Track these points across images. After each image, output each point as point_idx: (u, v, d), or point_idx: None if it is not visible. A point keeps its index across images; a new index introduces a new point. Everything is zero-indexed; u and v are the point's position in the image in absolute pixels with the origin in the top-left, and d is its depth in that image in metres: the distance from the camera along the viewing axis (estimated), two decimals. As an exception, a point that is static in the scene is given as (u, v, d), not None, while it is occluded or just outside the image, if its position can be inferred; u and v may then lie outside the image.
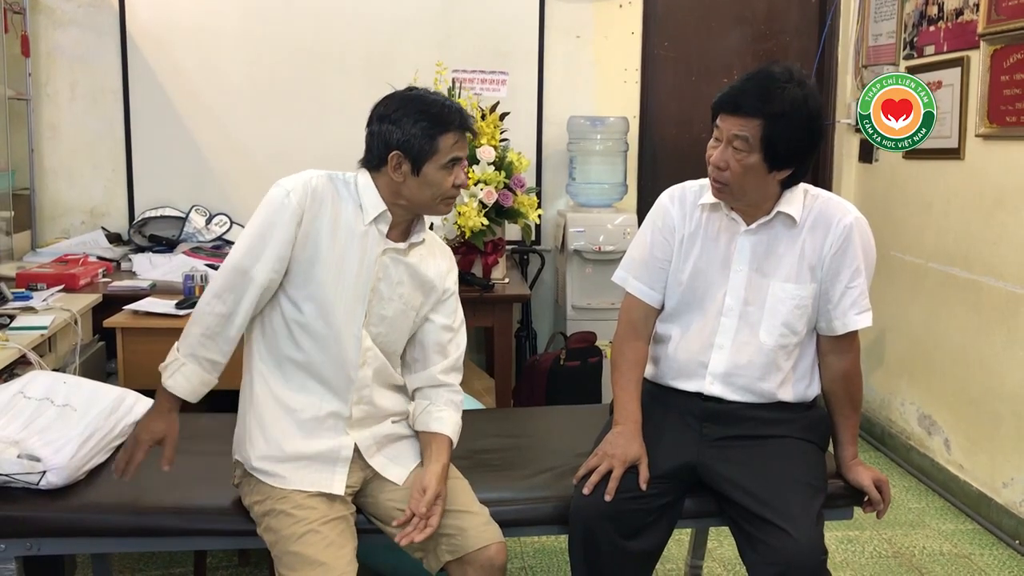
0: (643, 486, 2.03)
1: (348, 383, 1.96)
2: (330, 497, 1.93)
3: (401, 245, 1.98)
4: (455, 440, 2.04)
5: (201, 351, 1.90)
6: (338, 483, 1.95)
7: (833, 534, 3.25)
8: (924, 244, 3.83)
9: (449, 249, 2.16)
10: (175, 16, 4.18)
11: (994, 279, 3.33)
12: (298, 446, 1.94)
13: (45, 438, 2.10)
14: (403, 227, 2.00)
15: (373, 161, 1.95)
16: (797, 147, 2.02)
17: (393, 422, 2.06)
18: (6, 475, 2.03)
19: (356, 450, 1.98)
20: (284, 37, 4.22)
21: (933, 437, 3.77)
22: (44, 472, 2.05)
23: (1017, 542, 3.17)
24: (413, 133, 1.89)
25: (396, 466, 2.03)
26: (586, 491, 2.03)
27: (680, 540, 3.03)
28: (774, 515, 1.93)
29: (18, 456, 2.04)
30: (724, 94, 2.04)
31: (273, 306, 1.95)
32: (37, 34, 4.12)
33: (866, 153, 4.35)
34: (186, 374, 1.91)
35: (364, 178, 1.97)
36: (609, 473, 2.04)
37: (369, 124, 1.96)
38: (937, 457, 3.72)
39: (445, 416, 2.04)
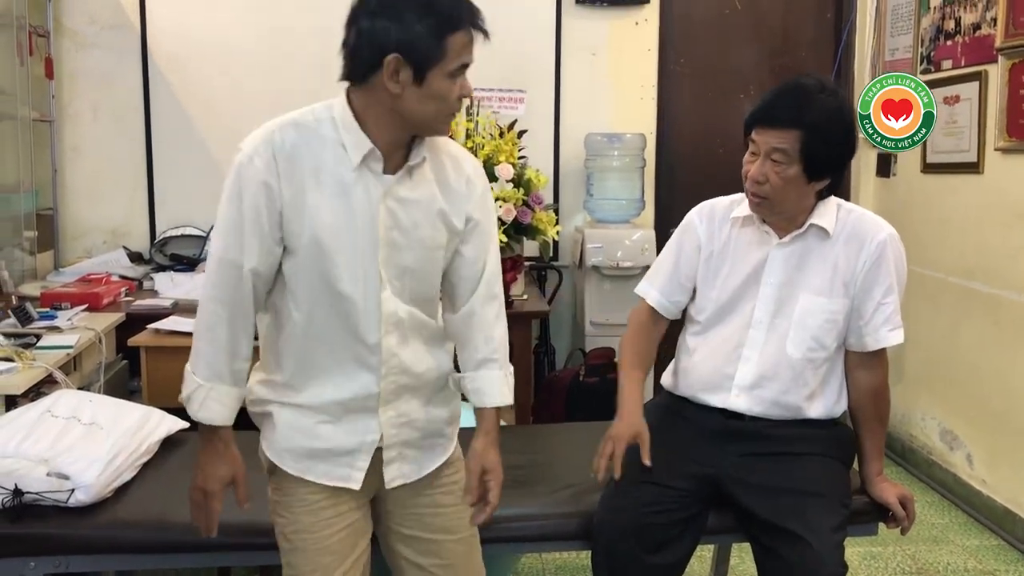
0: (646, 461, 2.04)
1: (373, 354, 1.69)
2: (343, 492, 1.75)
3: (400, 176, 1.65)
4: (501, 401, 1.81)
5: (221, 366, 1.66)
6: (356, 476, 1.74)
7: (856, 550, 3.23)
8: (943, 258, 3.82)
9: (466, 156, 1.79)
10: (195, 37, 4.23)
11: (1014, 293, 3.32)
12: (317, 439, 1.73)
13: (73, 456, 2.12)
14: (401, 153, 1.66)
15: (359, 70, 1.58)
16: (836, 156, 2.04)
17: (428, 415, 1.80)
18: (36, 493, 2.05)
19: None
20: (303, 55, 4.25)
21: (955, 452, 3.75)
22: (73, 490, 2.07)
23: (1042, 558, 3.15)
24: (417, 32, 1.52)
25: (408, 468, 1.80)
26: (599, 478, 2.05)
27: (702, 557, 3.02)
28: (794, 526, 1.94)
29: (47, 474, 2.07)
30: (758, 108, 2.06)
31: (277, 288, 1.69)
32: (61, 56, 4.19)
33: (884, 167, 4.35)
34: (216, 397, 1.66)
35: (340, 106, 1.63)
36: (629, 493, 2.05)
37: (354, 21, 1.58)
38: (959, 472, 3.70)
39: (483, 385, 1.79)
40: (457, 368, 1.84)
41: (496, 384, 1.81)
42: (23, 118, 3.88)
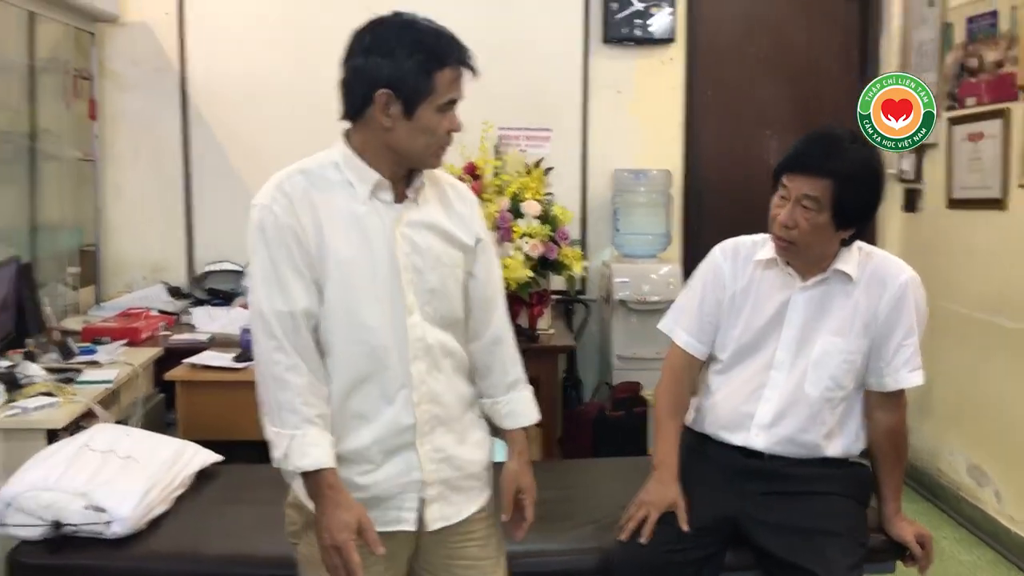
0: (684, 527, 2.07)
1: (404, 384, 1.70)
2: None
3: (410, 202, 1.72)
4: (534, 418, 1.88)
5: (308, 409, 1.63)
6: (407, 517, 1.73)
7: (881, 587, 3.22)
8: (969, 293, 3.83)
9: (463, 185, 1.87)
10: (232, 79, 4.36)
11: (1041, 329, 3.33)
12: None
13: (110, 489, 2.21)
14: (403, 184, 1.72)
15: (354, 105, 1.68)
16: (864, 206, 2.09)
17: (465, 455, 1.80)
18: (74, 525, 2.14)
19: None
20: (333, 96, 4.35)
21: (983, 488, 3.73)
22: (109, 522, 2.16)
23: (1071, 597, 3.13)
24: (407, 68, 1.61)
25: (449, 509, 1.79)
26: (623, 537, 2.08)
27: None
28: (812, 564, 1.98)
29: (85, 507, 2.16)
30: (791, 155, 2.11)
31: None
32: (104, 98, 4.34)
33: (910, 203, 4.36)
34: (314, 441, 1.62)
35: (339, 150, 1.72)
36: (656, 522, 2.09)
37: (349, 58, 1.68)
38: (988, 508, 3.68)
39: (516, 407, 1.85)
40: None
41: (527, 404, 1.89)
42: (68, 158, 4.04)
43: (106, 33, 4.31)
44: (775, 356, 2.18)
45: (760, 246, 2.23)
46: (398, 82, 1.61)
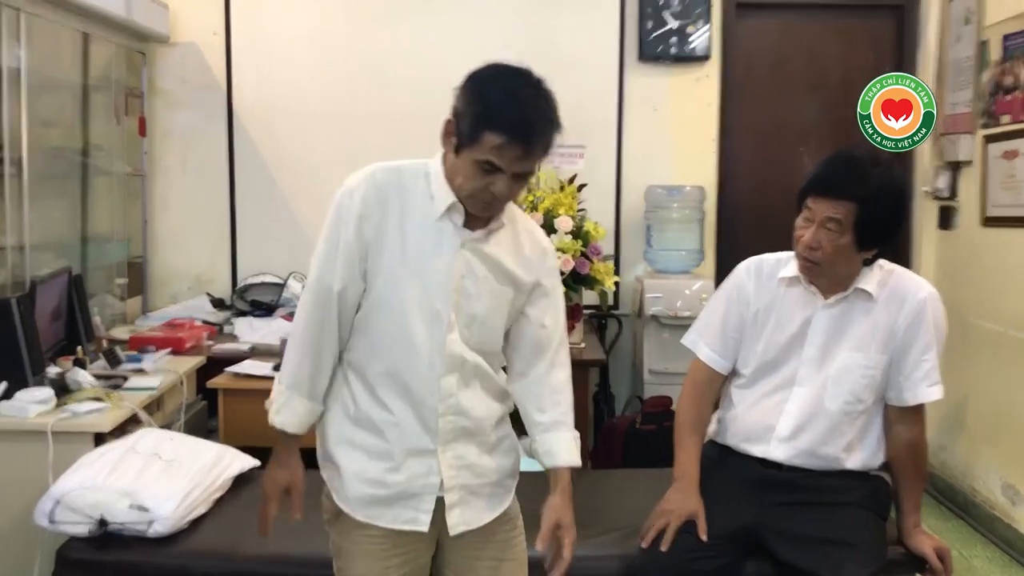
0: (703, 537, 2.12)
1: (432, 392, 1.78)
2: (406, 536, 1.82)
3: (479, 234, 1.77)
4: (572, 462, 1.88)
5: (303, 378, 1.79)
6: (423, 519, 1.81)
7: (910, 603, 3.23)
8: (1004, 311, 3.82)
9: (541, 233, 1.92)
10: (276, 97, 4.51)
11: (1073, 348, 3.32)
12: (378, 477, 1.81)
13: (153, 490, 2.32)
14: (485, 218, 1.78)
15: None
16: (886, 228, 2.14)
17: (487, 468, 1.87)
18: (119, 523, 2.25)
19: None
20: (375, 113, 4.48)
21: (1017, 507, 3.71)
22: (152, 521, 2.26)
23: (1103, 617, 3.11)
24: (467, 111, 1.67)
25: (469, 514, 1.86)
26: (644, 544, 2.13)
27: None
28: (826, 572, 2.02)
29: (129, 506, 2.27)
30: (814, 177, 2.16)
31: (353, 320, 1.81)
32: (153, 115, 4.50)
33: (945, 220, 4.36)
34: (294, 408, 1.80)
35: (436, 163, 1.78)
36: (676, 531, 2.14)
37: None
38: (1021, 527, 3.66)
39: (552, 447, 1.88)
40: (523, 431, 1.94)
41: (566, 444, 1.89)
42: (118, 173, 4.19)
43: (156, 53, 4.48)
44: (797, 372, 2.23)
45: (784, 264, 2.28)
46: (459, 117, 1.69)
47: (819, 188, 2.14)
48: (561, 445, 1.89)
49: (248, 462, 2.71)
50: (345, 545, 1.86)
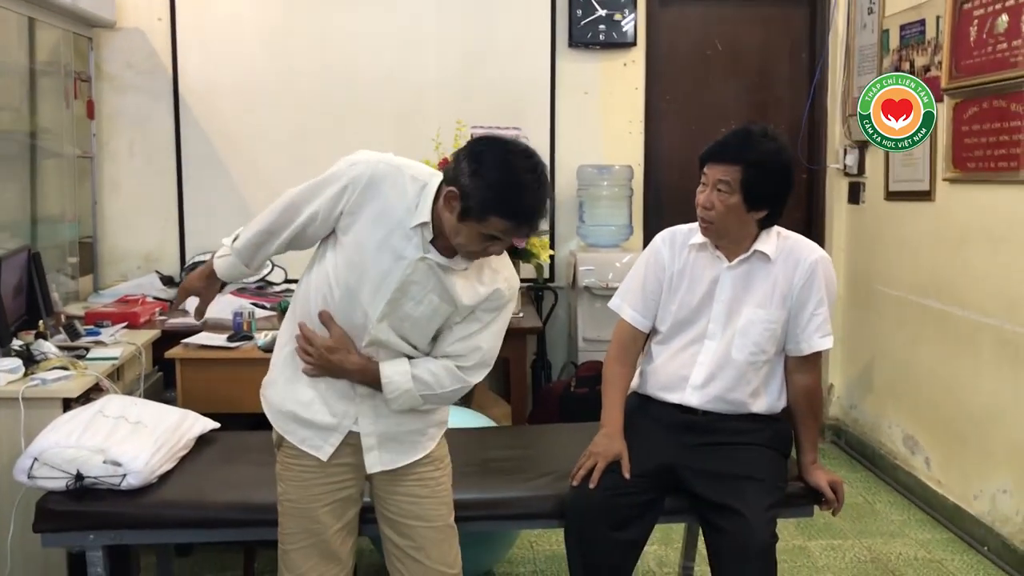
0: (626, 475, 2.39)
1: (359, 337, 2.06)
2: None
3: (443, 261, 2.00)
4: (390, 377, 2.07)
5: (245, 253, 2.19)
6: (326, 449, 2.11)
7: (818, 542, 3.57)
8: (903, 278, 4.17)
9: (508, 275, 2.12)
10: (221, 78, 4.66)
11: (960, 309, 3.67)
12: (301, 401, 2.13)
13: (124, 448, 2.49)
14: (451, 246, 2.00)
15: (446, 178, 1.95)
16: (771, 190, 2.42)
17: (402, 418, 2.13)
18: (94, 477, 2.43)
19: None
20: (318, 96, 4.67)
21: (916, 456, 4.08)
22: (125, 475, 2.44)
23: (986, 548, 3.47)
24: (474, 193, 1.87)
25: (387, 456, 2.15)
26: (575, 483, 2.40)
27: (676, 543, 3.37)
28: (734, 503, 2.30)
29: (103, 462, 2.45)
30: (710, 147, 2.46)
31: (320, 264, 2.08)
32: (101, 99, 4.62)
33: (854, 195, 4.70)
34: (229, 263, 2.22)
35: (434, 182, 1.98)
36: (603, 471, 2.41)
37: (462, 149, 1.97)
38: (919, 474, 4.03)
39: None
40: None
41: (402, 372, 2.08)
42: (67, 155, 4.31)
43: (103, 37, 4.60)
44: (707, 328, 2.50)
45: (695, 232, 2.56)
46: (464, 194, 1.89)
47: (713, 155, 2.43)
48: (401, 369, 2.08)
49: (208, 424, 2.89)
50: (282, 472, 2.19)
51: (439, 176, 1.99)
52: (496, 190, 1.87)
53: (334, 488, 2.15)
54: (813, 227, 4.89)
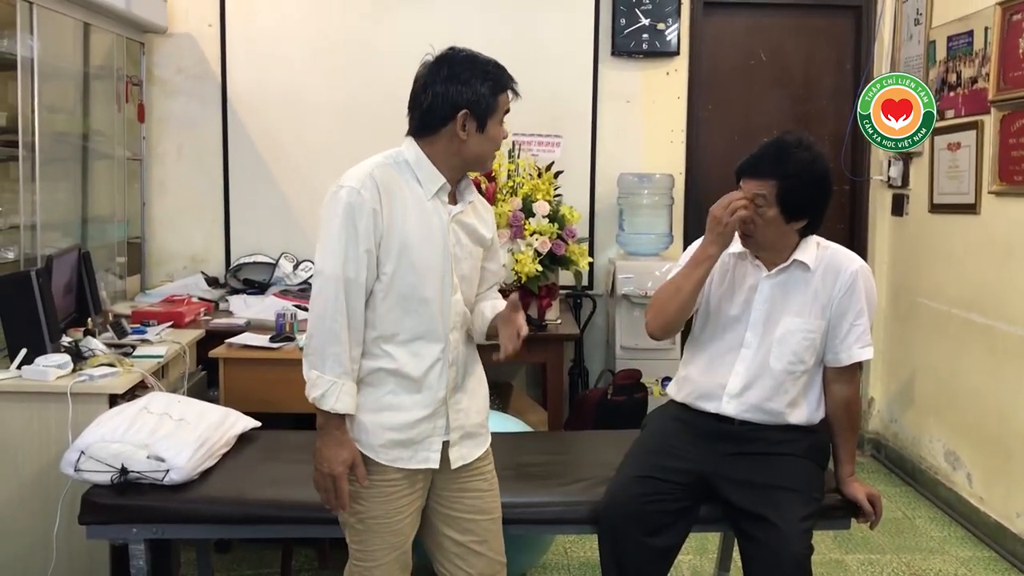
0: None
1: (444, 350, 2.09)
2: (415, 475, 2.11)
3: (459, 208, 2.11)
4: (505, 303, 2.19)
5: (348, 364, 1.99)
6: (434, 457, 2.10)
7: (855, 556, 3.54)
8: (946, 291, 4.12)
9: (479, 197, 2.24)
10: (268, 85, 4.74)
11: (1006, 324, 3.62)
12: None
13: (168, 444, 2.55)
14: (453, 190, 2.12)
15: (434, 124, 2.04)
16: (808, 200, 2.42)
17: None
18: (137, 472, 2.49)
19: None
20: (362, 104, 4.71)
21: (957, 472, 4.02)
22: (168, 471, 2.50)
23: (1028, 567, 3.42)
24: (482, 92, 2.01)
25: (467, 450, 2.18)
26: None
27: (711, 553, 3.36)
28: (769, 513, 2.30)
29: (147, 457, 2.51)
30: (745, 161, 2.47)
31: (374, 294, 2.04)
32: (151, 102, 4.72)
33: (898, 207, 4.66)
34: (348, 391, 2.00)
35: (412, 151, 2.07)
36: (631, 486, 2.43)
37: (430, 86, 2.04)
38: (960, 490, 3.97)
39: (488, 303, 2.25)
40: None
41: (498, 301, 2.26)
42: (118, 157, 4.40)
43: (154, 43, 4.70)
44: (745, 335, 2.50)
45: (736, 241, 2.56)
46: (475, 104, 2.02)
47: (748, 170, 2.45)
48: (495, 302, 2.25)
49: (250, 423, 2.95)
50: (363, 491, 2.09)
51: (407, 145, 2.09)
52: (489, 76, 2.03)
53: (416, 497, 2.15)
54: (856, 239, 4.85)
